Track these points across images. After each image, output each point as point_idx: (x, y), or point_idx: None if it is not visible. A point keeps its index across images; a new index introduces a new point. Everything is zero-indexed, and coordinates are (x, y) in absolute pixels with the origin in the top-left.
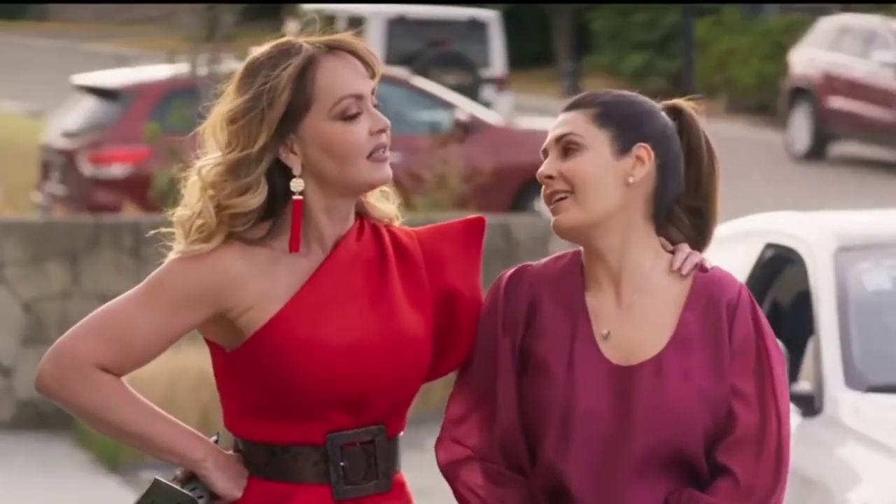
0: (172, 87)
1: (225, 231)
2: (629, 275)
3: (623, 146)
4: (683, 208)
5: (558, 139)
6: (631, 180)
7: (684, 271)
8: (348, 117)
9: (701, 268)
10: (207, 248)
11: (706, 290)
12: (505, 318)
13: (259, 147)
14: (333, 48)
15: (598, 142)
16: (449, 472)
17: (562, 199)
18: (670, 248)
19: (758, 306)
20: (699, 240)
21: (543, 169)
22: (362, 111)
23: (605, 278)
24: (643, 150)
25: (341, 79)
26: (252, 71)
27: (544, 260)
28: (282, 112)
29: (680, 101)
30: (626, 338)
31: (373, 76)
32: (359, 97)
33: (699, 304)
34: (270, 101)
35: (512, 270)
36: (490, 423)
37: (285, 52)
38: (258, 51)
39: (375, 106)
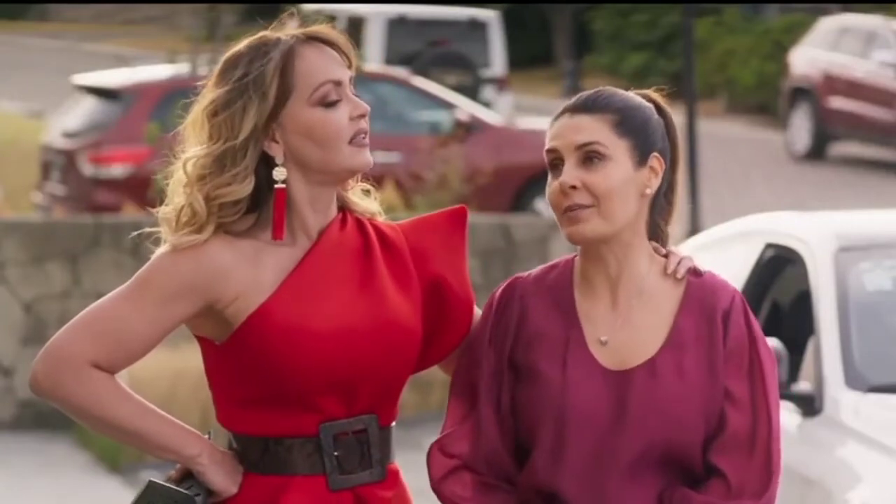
0: (172, 87)
1: (214, 222)
2: (626, 280)
3: (641, 157)
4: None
5: (580, 147)
6: (648, 191)
7: (679, 275)
8: (328, 104)
9: (694, 272)
10: (201, 239)
11: (700, 295)
12: (493, 332)
13: (243, 137)
14: (311, 38)
15: (619, 152)
16: (436, 488)
17: (582, 209)
18: (663, 251)
19: (750, 311)
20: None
21: (567, 178)
22: (342, 98)
23: (601, 284)
24: (656, 161)
25: (320, 66)
26: (231, 65)
27: (537, 270)
28: (263, 101)
29: (658, 99)
30: (621, 343)
31: (349, 66)
32: (338, 83)
33: (693, 308)
34: (252, 90)
35: (504, 285)
36: (478, 433)
37: (263, 44)
38: (234, 48)
39: (355, 95)
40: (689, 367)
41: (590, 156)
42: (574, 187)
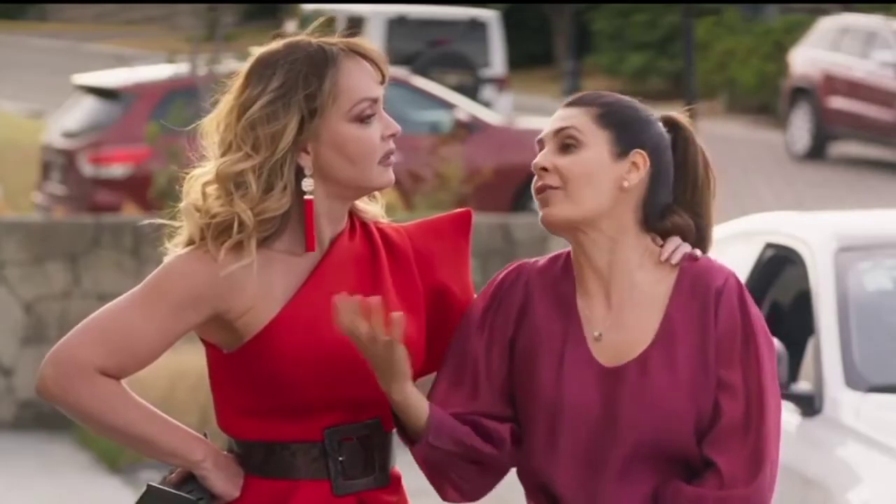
0: (172, 87)
1: (256, 237)
2: (618, 278)
3: (621, 149)
4: (685, 218)
5: (557, 132)
6: (625, 184)
7: (673, 261)
8: (364, 119)
9: (691, 258)
10: (250, 261)
11: (692, 278)
12: (492, 312)
13: (283, 151)
14: (351, 51)
15: (597, 141)
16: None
17: (552, 191)
18: (660, 241)
19: (746, 293)
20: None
21: (539, 160)
22: (375, 113)
23: (594, 282)
24: (639, 156)
25: (360, 81)
26: (266, 66)
27: (543, 259)
28: (308, 116)
29: (678, 117)
30: (615, 340)
31: (382, 81)
32: (374, 101)
33: (684, 294)
34: (297, 105)
35: (507, 270)
36: (473, 393)
37: (301, 49)
38: (270, 47)
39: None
40: (681, 359)
41: (566, 141)
42: (545, 169)
